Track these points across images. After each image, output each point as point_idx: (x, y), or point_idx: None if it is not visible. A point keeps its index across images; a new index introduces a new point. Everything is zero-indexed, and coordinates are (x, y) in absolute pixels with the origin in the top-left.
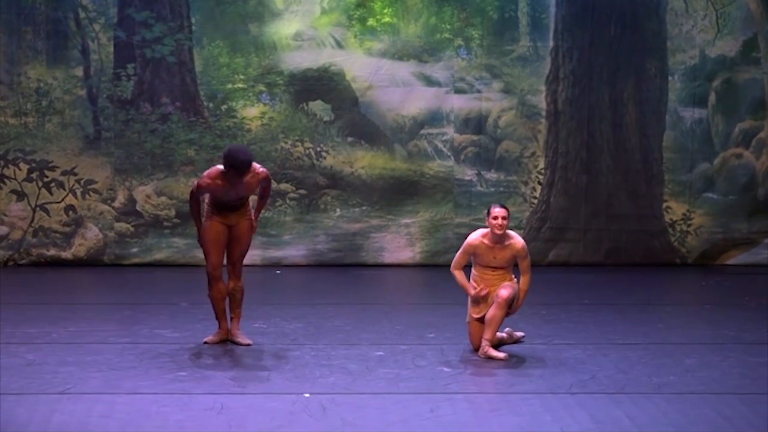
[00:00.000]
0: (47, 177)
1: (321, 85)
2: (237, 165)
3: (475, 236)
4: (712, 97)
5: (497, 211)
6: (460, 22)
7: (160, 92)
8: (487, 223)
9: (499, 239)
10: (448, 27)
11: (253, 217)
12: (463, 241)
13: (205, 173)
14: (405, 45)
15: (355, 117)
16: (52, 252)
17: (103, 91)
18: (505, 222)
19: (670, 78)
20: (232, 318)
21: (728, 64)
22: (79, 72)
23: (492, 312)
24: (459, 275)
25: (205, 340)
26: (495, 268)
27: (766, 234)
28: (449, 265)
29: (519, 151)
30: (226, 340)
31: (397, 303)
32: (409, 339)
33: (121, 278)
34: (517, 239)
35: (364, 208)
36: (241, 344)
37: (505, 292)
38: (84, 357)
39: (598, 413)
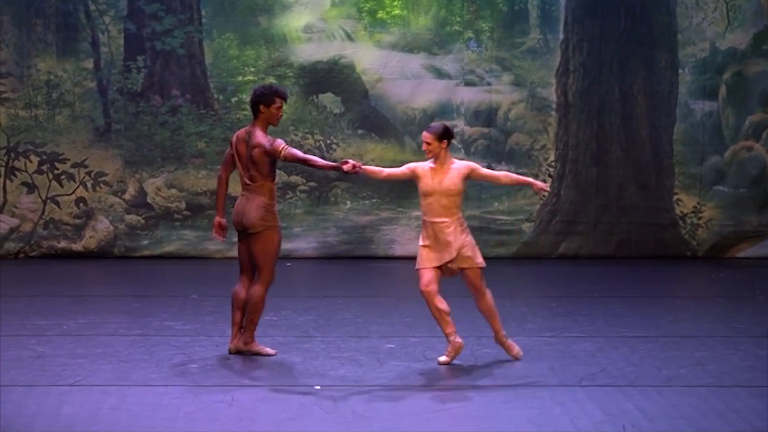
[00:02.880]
0: (58, 169)
1: (331, 77)
2: (281, 91)
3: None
4: (723, 90)
5: (423, 135)
6: (470, 14)
7: (170, 84)
8: None
9: (434, 161)
10: (458, 19)
11: None
12: (472, 236)
13: (265, 136)
14: (415, 37)
15: (365, 109)
16: (63, 244)
17: (114, 83)
18: (428, 146)
19: (680, 71)
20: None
21: (739, 57)
22: (89, 64)
23: (481, 305)
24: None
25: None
26: (441, 211)
27: None
28: None
29: (529, 144)
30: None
31: (408, 295)
32: (419, 332)
33: (131, 270)
34: (461, 162)
35: (374, 200)
36: (263, 354)
37: (479, 284)
38: (94, 349)
39: (608, 406)
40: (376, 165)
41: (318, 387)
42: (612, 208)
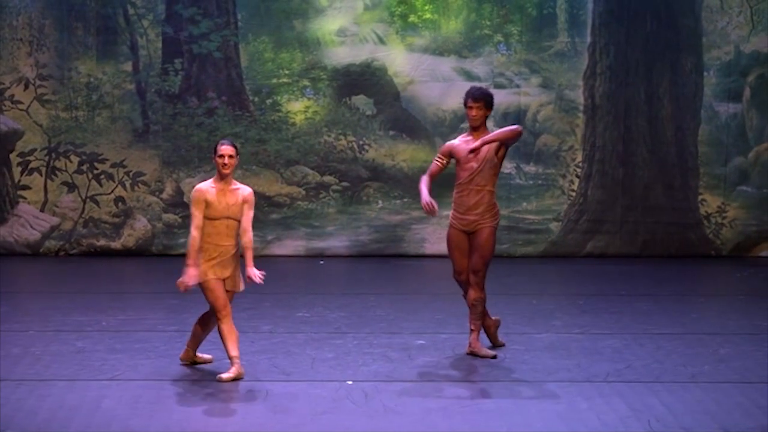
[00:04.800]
0: (97, 169)
1: (363, 79)
2: (468, 91)
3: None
4: (747, 92)
5: (224, 148)
6: (499, 18)
7: (207, 87)
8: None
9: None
10: (488, 23)
11: (494, 225)
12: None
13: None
14: (445, 41)
15: (396, 111)
16: (102, 242)
17: (152, 85)
18: (231, 161)
19: (705, 73)
20: (471, 330)
21: (762, 60)
22: (128, 67)
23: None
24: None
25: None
26: (226, 218)
27: None
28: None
29: (557, 145)
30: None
31: (438, 293)
32: (449, 328)
33: (168, 268)
34: (246, 188)
35: (405, 200)
36: (486, 357)
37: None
38: (133, 344)
39: (633, 401)
40: (408, 166)
41: (350, 382)
42: (638, 208)
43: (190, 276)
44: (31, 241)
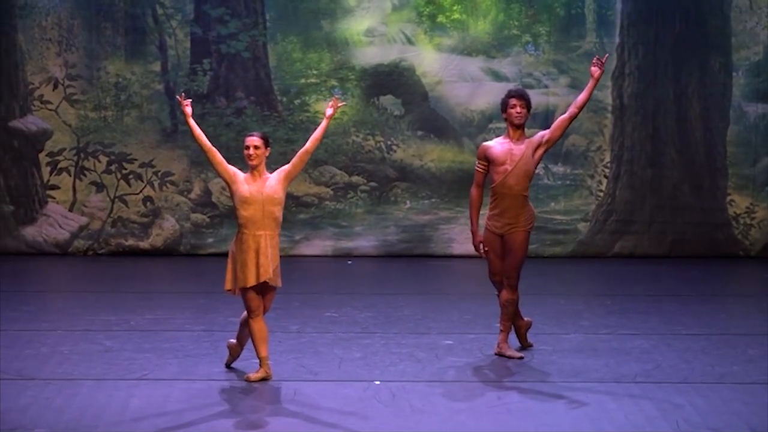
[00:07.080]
0: (126, 169)
1: (392, 80)
2: (510, 91)
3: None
4: None
5: (249, 139)
6: (527, 18)
7: (235, 87)
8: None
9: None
10: (516, 23)
11: (527, 229)
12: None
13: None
14: (474, 41)
15: (424, 111)
16: (130, 242)
17: (180, 85)
18: (258, 151)
19: (734, 74)
20: (501, 330)
21: None
22: (157, 67)
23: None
24: None
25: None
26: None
27: None
28: None
29: (585, 145)
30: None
31: (466, 293)
32: (477, 328)
33: (196, 268)
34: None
35: (433, 200)
36: (513, 358)
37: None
38: (161, 344)
39: (662, 402)
40: (436, 166)
41: (377, 382)
42: (666, 209)
43: None
44: (59, 240)
